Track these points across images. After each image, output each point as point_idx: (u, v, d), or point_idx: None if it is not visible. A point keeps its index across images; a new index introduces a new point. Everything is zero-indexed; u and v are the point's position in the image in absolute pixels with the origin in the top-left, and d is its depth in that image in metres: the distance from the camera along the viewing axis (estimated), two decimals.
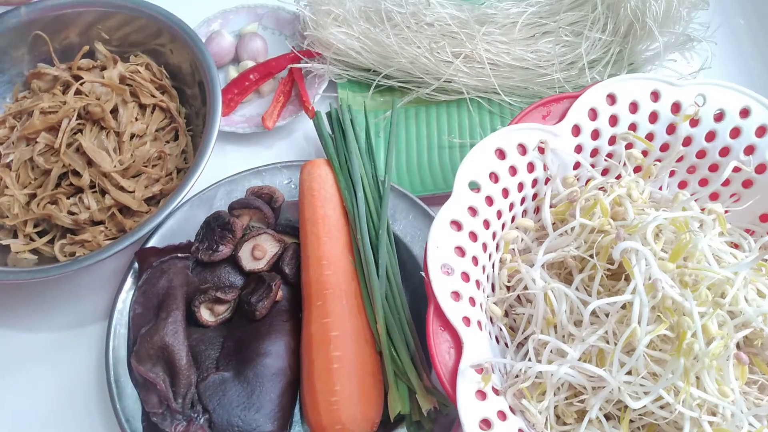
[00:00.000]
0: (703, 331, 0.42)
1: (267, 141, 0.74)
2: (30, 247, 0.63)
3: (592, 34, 0.71)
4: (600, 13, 0.72)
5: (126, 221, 0.63)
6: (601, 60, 0.71)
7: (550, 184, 0.54)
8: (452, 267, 0.46)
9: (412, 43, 0.71)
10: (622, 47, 0.71)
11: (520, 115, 0.53)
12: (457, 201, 0.48)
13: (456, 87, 0.72)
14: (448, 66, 0.71)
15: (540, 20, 0.74)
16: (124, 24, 0.71)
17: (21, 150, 0.65)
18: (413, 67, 0.71)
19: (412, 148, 0.71)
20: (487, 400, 0.43)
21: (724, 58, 0.78)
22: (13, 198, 0.64)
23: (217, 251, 0.60)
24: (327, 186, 0.61)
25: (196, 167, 0.61)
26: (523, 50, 0.71)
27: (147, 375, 0.53)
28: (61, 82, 0.70)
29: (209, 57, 0.68)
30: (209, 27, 0.79)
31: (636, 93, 0.54)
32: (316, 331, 0.55)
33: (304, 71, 0.75)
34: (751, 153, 0.54)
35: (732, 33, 0.81)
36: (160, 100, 0.69)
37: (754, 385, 0.47)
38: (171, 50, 0.71)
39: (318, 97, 0.73)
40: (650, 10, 0.67)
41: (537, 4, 0.75)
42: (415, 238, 0.62)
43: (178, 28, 0.69)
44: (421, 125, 0.73)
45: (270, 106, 0.73)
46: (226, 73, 0.78)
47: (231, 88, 0.74)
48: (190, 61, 0.69)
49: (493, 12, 0.74)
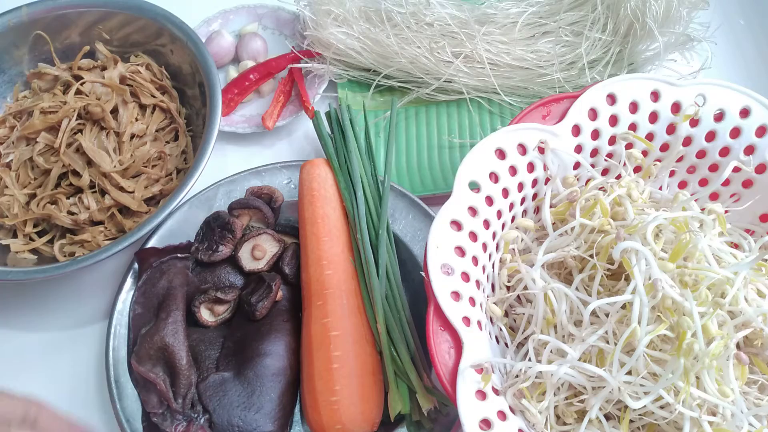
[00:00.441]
0: (703, 331, 0.42)
1: (267, 141, 0.74)
2: (30, 247, 0.63)
3: (592, 34, 0.71)
4: (600, 13, 0.72)
5: (126, 221, 0.63)
6: (601, 60, 0.71)
7: (550, 184, 0.54)
8: (452, 267, 0.46)
9: (412, 43, 0.71)
10: (622, 47, 0.71)
11: (520, 115, 0.53)
12: (457, 201, 0.48)
13: (456, 87, 0.72)
14: (448, 66, 0.71)
15: (540, 20, 0.74)
16: (124, 24, 0.71)
17: (21, 150, 0.65)
18: (413, 67, 0.71)
19: (412, 148, 0.71)
20: (487, 400, 0.43)
21: (724, 58, 0.77)
22: (12, 198, 0.64)
23: (217, 251, 0.60)
24: (327, 186, 0.61)
25: (195, 167, 0.61)
26: (523, 50, 0.71)
27: (147, 375, 0.53)
28: (62, 82, 0.70)
29: (209, 57, 0.68)
30: (209, 27, 0.79)
31: (636, 93, 0.54)
32: (316, 331, 0.55)
33: (304, 71, 0.75)
34: (751, 153, 0.54)
35: (732, 33, 0.81)
36: (160, 101, 0.69)
37: (754, 385, 0.47)
38: (171, 50, 0.71)
39: (318, 97, 0.73)
40: (650, 10, 0.67)
41: (537, 4, 0.75)
42: (415, 238, 0.62)
43: (179, 28, 0.69)
44: (421, 125, 0.73)
45: (270, 106, 0.73)
46: (226, 73, 0.78)
47: (231, 88, 0.74)
48: (191, 62, 0.69)
49: (493, 12, 0.74)
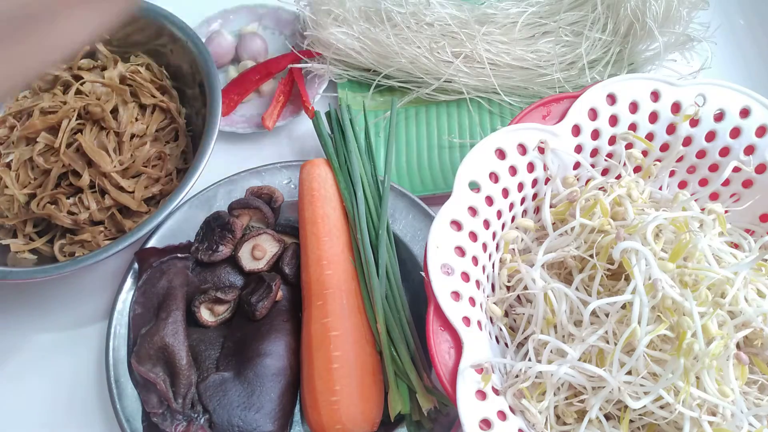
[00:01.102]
0: (703, 331, 0.42)
1: (267, 141, 0.74)
2: (29, 246, 0.63)
3: (592, 34, 0.71)
4: (600, 13, 0.72)
5: (125, 221, 0.63)
6: (601, 60, 0.71)
7: (550, 184, 0.54)
8: (452, 267, 0.46)
9: (412, 43, 0.71)
10: (622, 47, 0.71)
11: (520, 115, 0.53)
12: (457, 201, 0.48)
13: (456, 87, 0.72)
14: (448, 66, 0.71)
15: (540, 20, 0.74)
16: (124, 24, 0.71)
17: (21, 150, 0.65)
18: (413, 67, 0.71)
19: (412, 148, 0.71)
20: (487, 400, 0.43)
21: (724, 57, 0.77)
22: (12, 198, 0.64)
23: (217, 251, 0.60)
24: (327, 186, 0.61)
25: (195, 167, 0.61)
26: (523, 50, 0.71)
27: (147, 375, 0.53)
28: (62, 81, 0.70)
29: (209, 57, 0.67)
30: (209, 27, 0.79)
31: (636, 93, 0.54)
32: (316, 331, 0.55)
33: (304, 71, 0.75)
34: (751, 153, 0.54)
35: (732, 33, 0.81)
36: (160, 101, 0.69)
37: (755, 385, 0.47)
38: (171, 50, 0.71)
39: (318, 97, 0.73)
40: (650, 10, 0.67)
41: (537, 4, 0.75)
42: (415, 238, 0.62)
43: (179, 28, 0.69)
44: (421, 125, 0.73)
45: (270, 106, 0.73)
46: (226, 73, 0.78)
47: (231, 89, 0.74)
48: (191, 62, 0.69)
49: (493, 12, 0.74)
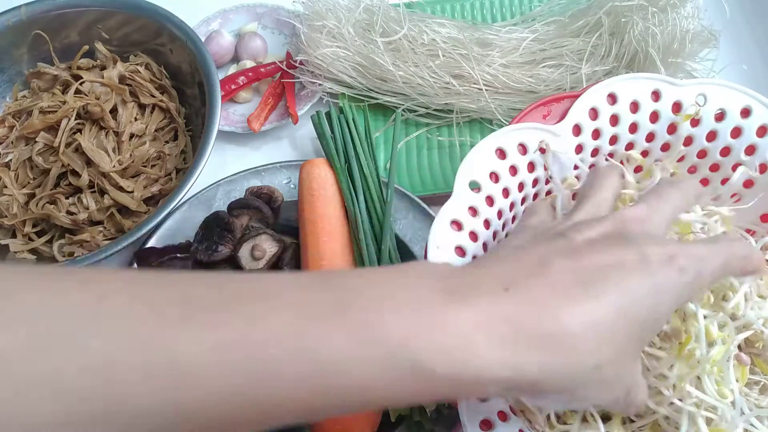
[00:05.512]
0: (705, 334, 0.41)
1: (267, 141, 0.74)
2: (29, 246, 0.63)
3: (593, 63, 0.70)
4: (605, 41, 0.71)
5: (125, 221, 0.63)
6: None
7: (550, 184, 0.54)
8: None
9: (408, 61, 0.70)
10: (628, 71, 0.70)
11: (521, 114, 0.52)
12: (457, 201, 0.48)
13: (451, 107, 0.71)
14: (446, 91, 0.70)
15: (542, 47, 0.73)
16: (124, 24, 0.71)
17: (20, 149, 0.65)
18: (410, 89, 0.70)
19: (412, 148, 0.71)
20: (488, 401, 0.43)
21: (725, 58, 0.77)
22: (11, 197, 0.64)
23: (217, 251, 0.60)
24: (327, 186, 0.61)
25: (195, 167, 0.60)
26: (522, 74, 0.70)
27: None
28: (61, 81, 0.70)
29: (209, 57, 0.67)
30: (209, 26, 0.79)
31: (637, 93, 0.53)
32: None
33: (297, 86, 0.74)
34: (752, 153, 0.54)
35: (733, 33, 0.81)
36: (159, 100, 0.69)
37: (756, 386, 0.47)
38: (171, 50, 0.71)
39: (310, 104, 0.72)
40: (653, 39, 0.67)
41: (537, 32, 0.74)
42: (415, 238, 0.62)
43: (178, 27, 0.69)
44: (421, 126, 0.72)
45: (257, 108, 0.72)
46: (225, 72, 0.77)
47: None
48: (190, 61, 0.69)
49: (494, 36, 0.73)
